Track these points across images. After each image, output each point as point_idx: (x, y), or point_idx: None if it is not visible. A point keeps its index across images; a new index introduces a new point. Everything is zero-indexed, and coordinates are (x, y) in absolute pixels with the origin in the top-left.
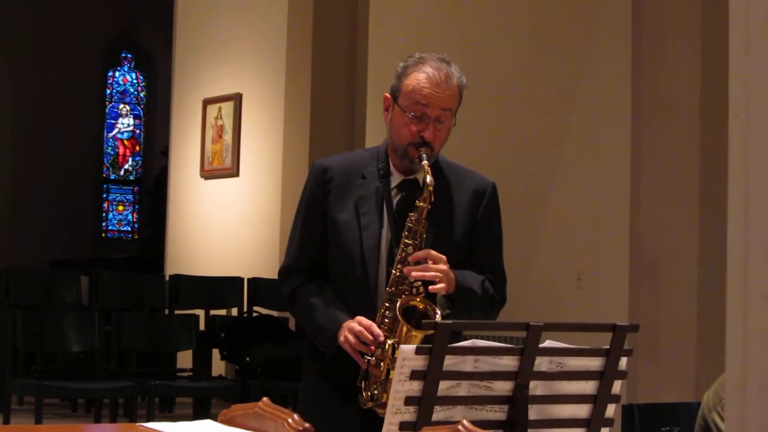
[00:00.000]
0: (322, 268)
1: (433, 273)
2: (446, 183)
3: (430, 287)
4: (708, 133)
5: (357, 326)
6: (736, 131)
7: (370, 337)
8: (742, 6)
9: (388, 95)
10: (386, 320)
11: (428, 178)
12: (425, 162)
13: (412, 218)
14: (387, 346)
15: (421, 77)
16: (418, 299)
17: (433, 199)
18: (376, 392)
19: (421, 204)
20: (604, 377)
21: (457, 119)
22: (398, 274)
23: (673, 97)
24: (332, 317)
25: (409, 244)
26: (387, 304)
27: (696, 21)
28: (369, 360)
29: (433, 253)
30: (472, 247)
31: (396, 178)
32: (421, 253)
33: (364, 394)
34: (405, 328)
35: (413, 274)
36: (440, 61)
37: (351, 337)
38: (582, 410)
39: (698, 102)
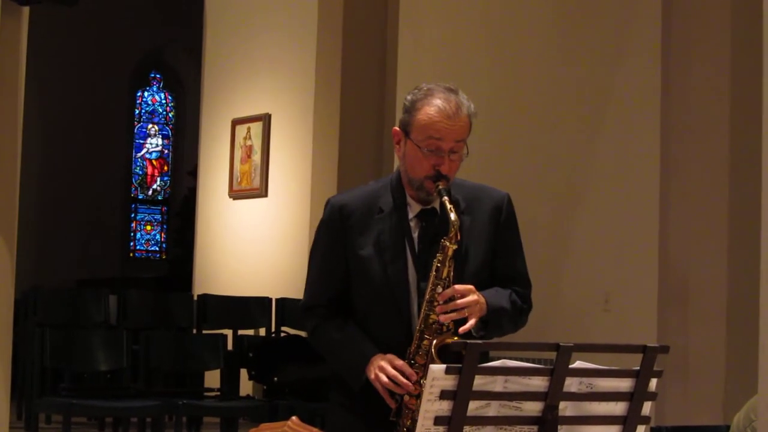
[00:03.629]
0: (342, 303)
1: (463, 310)
2: (462, 205)
3: (461, 329)
4: (738, 152)
5: (390, 369)
6: None
7: (404, 380)
8: None
9: (398, 129)
10: (419, 356)
11: (452, 216)
12: (445, 198)
13: (439, 258)
14: (422, 382)
15: (432, 111)
16: (455, 338)
17: (459, 238)
18: (410, 425)
19: (448, 244)
20: (634, 399)
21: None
22: (426, 312)
23: (703, 117)
24: (359, 353)
25: (438, 284)
26: (417, 342)
27: (726, 36)
28: (400, 397)
29: (460, 287)
30: (497, 259)
31: (414, 209)
32: (448, 291)
33: (402, 430)
34: None
35: (442, 317)
36: (448, 92)
37: (383, 377)
38: None
39: (728, 121)
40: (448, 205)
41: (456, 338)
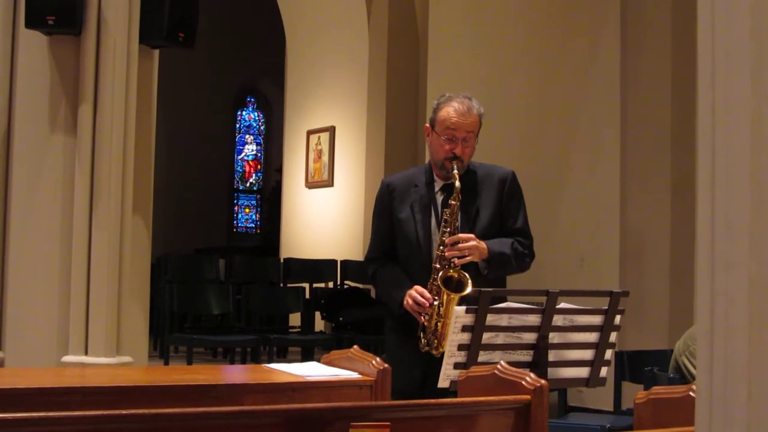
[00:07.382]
0: (393, 253)
1: (464, 250)
2: (477, 178)
3: (457, 261)
4: (677, 148)
5: (414, 293)
6: (704, 145)
7: (422, 299)
8: (708, 45)
9: (427, 125)
10: (434, 287)
11: (457, 184)
12: (455, 172)
13: (447, 212)
14: (435, 306)
15: (450, 110)
16: (452, 271)
17: (461, 199)
18: (430, 339)
19: (453, 202)
20: (604, 330)
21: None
22: (440, 254)
23: (649, 123)
24: (399, 288)
25: (446, 232)
26: (433, 275)
27: (667, 63)
28: (424, 316)
29: (463, 235)
30: (504, 219)
31: (438, 184)
32: (453, 237)
33: (422, 341)
34: (445, 293)
35: (447, 254)
36: (463, 97)
37: (410, 300)
38: (587, 354)
39: (669, 127)
40: (456, 176)
41: (452, 271)
